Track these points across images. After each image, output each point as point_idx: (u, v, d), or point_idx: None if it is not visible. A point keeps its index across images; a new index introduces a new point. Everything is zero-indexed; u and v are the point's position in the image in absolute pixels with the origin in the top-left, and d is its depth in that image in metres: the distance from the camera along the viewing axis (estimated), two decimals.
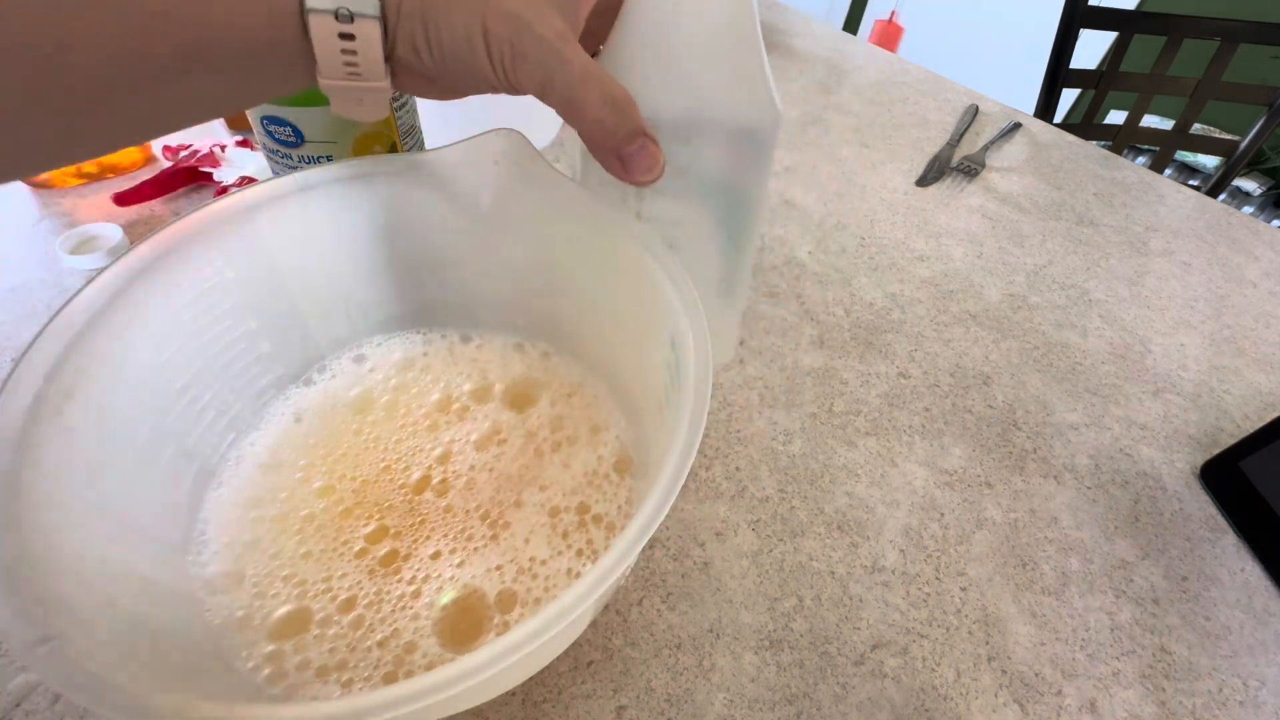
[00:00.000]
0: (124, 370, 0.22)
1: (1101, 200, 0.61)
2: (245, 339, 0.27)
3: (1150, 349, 0.47)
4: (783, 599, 0.31)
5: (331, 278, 0.30)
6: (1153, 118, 1.76)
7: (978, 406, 0.41)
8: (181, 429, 0.25)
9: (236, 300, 0.26)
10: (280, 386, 0.30)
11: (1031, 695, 0.29)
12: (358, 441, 0.29)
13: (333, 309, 0.31)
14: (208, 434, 0.27)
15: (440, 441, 0.29)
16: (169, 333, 0.24)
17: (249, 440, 0.28)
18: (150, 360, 0.24)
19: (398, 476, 0.28)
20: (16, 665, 0.26)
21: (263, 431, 0.29)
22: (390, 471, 0.28)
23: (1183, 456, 0.40)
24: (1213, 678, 0.30)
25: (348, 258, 0.30)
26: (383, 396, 0.31)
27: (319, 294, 0.30)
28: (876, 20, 2.15)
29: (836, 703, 0.28)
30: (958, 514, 0.35)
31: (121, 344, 0.22)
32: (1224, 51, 0.99)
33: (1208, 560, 0.35)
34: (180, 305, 0.24)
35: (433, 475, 0.28)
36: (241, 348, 0.27)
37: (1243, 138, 1.02)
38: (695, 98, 0.26)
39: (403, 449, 0.29)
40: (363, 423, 0.30)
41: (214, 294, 0.26)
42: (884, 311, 0.47)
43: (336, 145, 0.33)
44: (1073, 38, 1.05)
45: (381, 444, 0.29)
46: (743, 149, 0.28)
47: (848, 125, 0.68)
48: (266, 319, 0.28)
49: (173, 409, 0.25)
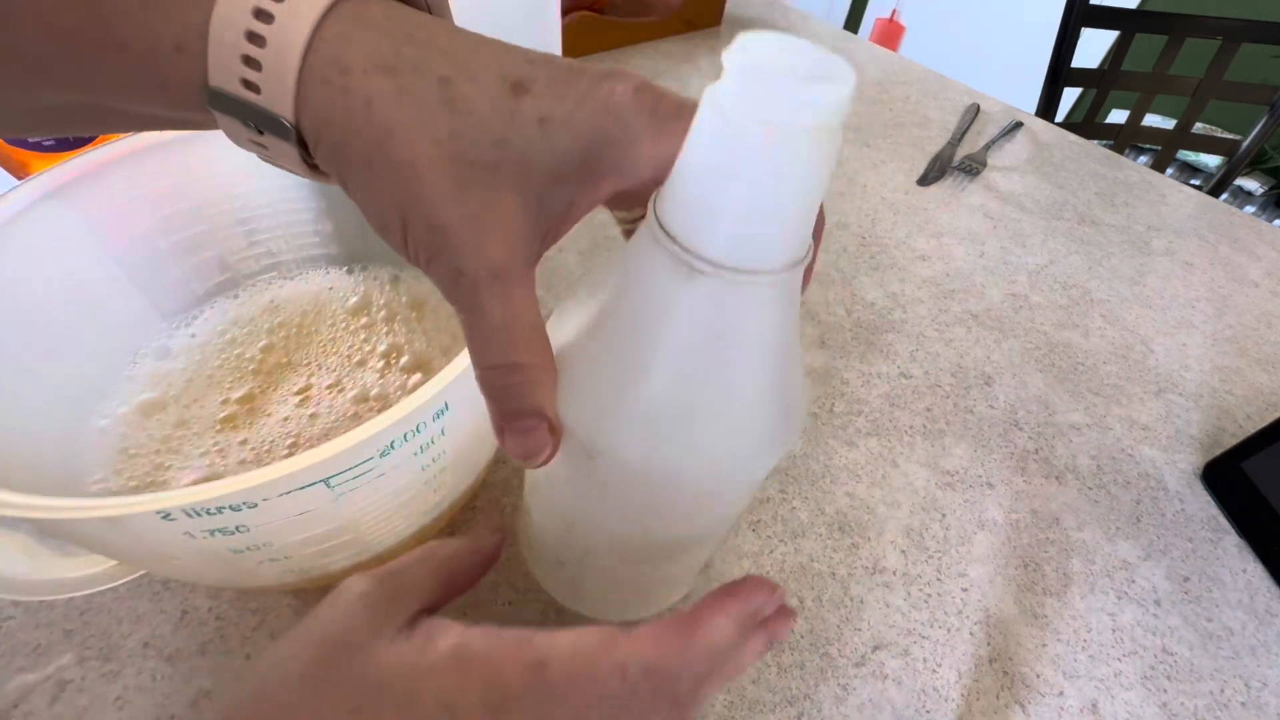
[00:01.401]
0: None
1: (1103, 200, 0.61)
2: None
3: (1152, 349, 0.47)
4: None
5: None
6: (1154, 117, 1.76)
7: (979, 407, 0.41)
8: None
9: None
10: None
11: (1033, 696, 0.29)
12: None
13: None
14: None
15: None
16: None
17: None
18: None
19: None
20: (15, 666, 0.26)
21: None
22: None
23: (1185, 457, 0.40)
24: (1215, 679, 0.30)
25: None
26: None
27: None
28: (877, 19, 2.14)
29: (837, 704, 0.28)
30: (959, 515, 0.35)
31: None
32: (1225, 51, 0.98)
33: (1210, 561, 0.35)
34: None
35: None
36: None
37: (1244, 137, 1.02)
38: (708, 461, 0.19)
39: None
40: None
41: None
42: (885, 311, 0.46)
43: None
44: (1074, 37, 1.05)
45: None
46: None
47: (848, 125, 0.67)
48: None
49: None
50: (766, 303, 0.16)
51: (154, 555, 0.20)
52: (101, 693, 0.26)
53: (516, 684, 0.16)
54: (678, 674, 0.17)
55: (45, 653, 0.27)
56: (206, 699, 0.26)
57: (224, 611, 0.28)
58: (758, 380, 0.17)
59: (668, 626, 0.18)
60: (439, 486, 0.24)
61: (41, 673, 0.26)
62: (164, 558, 0.20)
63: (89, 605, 0.28)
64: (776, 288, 0.15)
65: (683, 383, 0.17)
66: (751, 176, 0.14)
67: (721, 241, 0.14)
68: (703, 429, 0.17)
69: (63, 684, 0.26)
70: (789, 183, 0.14)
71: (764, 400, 0.17)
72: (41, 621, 0.27)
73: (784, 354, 0.17)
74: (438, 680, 0.17)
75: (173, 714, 0.25)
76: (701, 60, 0.75)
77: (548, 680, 0.16)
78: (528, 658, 0.17)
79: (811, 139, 0.13)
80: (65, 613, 0.28)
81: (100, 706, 0.25)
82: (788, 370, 0.18)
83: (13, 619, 0.27)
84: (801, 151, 0.13)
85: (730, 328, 0.16)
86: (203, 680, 0.26)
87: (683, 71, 0.72)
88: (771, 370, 0.17)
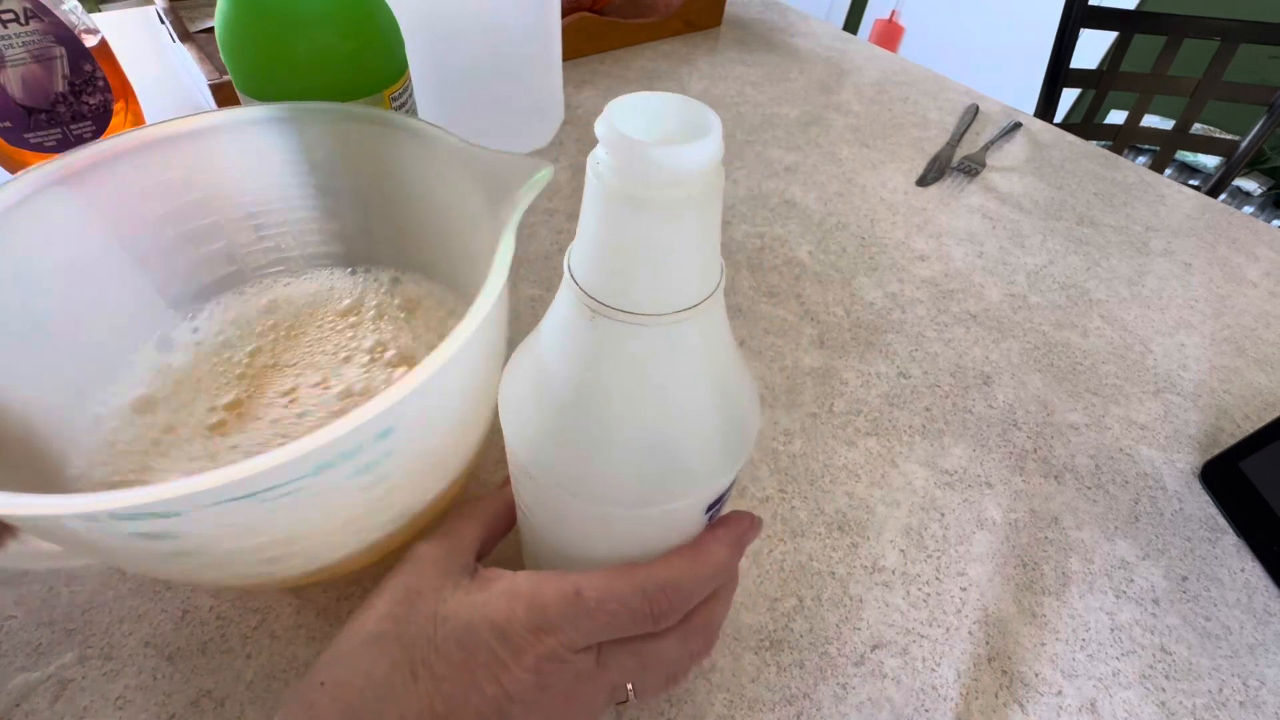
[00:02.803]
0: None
1: (1102, 200, 0.61)
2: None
3: (1150, 349, 0.47)
4: (783, 599, 0.31)
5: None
6: (1153, 117, 1.76)
7: (978, 406, 0.41)
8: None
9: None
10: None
11: (1031, 695, 0.29)
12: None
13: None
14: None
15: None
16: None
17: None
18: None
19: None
20: (16, 665, 0.26)
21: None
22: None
23: (1183, 457, 0.40)
24: (1213, 678, 0.30)
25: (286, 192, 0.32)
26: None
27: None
28: (877, 20, 2.15)
29: (836, 703, 0.28)
30: (958, 514, 0.35)
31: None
32: (1224, 51, 0.99)
33: (1208, 560, 0.35)
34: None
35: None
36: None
37: (1243, 137, 1.02)
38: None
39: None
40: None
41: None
42: (884, 311, 0.47)
43: None
44: (1073, 37, 1.05)
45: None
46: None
47: (848, 125, 0.68)
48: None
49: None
50: (673, 340, 0.17)
51: (90, 550, 0.20)
52: (103, 692, 0.26)
53: (555, 608, 0.19)
54: (690, 589, 0.21)
55: (46, 652, 0.27)
56: (207, 698, 0.26)
57: (225, 611, 0.28)
58: (671, 413, 0.18)
59: (677, 552, 0.21)
60: (391, 505, 0.23)
61: (43, 671, 0.26)
62: (101, 553, 0.20)
63: (90, 604, 0.28)
64: (680, 326, 0.16)
65: (589, 413, 0.18)
66: (626, 236, 0.15)
67: (616, 289, 0.16)
68: (621, 458, 0.19)
69: (64, 683, 0.26)
70: (663, 241, 0.15)
71: (680, 431, 0.19)
72: (43, 620, 0.27)
73: (697, 387, 0.18)
74: (490, 610, 0.20)
75: (174, 713, 0.25)
76: (701, 60, 0.75)
77: (582, 602, 0.19)
78: (564, 587, 0.20)
79: (676, 204, 0.14)
80: (67, 612, 0.28)
81: (101, 705, 0.25)
82: (706, 402, 0.19)
83: (14, 618, 0.27)
84: (670, 215, 0.14)
85: (636, 365, 0.17)
86: (204, 679, 0.26)
87: (682, 72, 0.73)
88: (686, 402, 0.18)
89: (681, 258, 0.15)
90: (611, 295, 0.16)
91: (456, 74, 0.48)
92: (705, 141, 0.13)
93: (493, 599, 0.20)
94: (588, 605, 0.19)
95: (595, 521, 0.20)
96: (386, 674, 0.19)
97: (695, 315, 0.16)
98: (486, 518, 0.24)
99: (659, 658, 0.21)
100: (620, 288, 0.16)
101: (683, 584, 0.20)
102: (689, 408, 0.18)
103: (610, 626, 0.20)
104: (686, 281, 0.16)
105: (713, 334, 0.18)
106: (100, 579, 0.29)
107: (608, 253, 0.15)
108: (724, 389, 0.19)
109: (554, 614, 0.19)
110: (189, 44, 0.53)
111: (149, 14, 0.65)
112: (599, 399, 0.18)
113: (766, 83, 0.73)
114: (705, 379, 0.18)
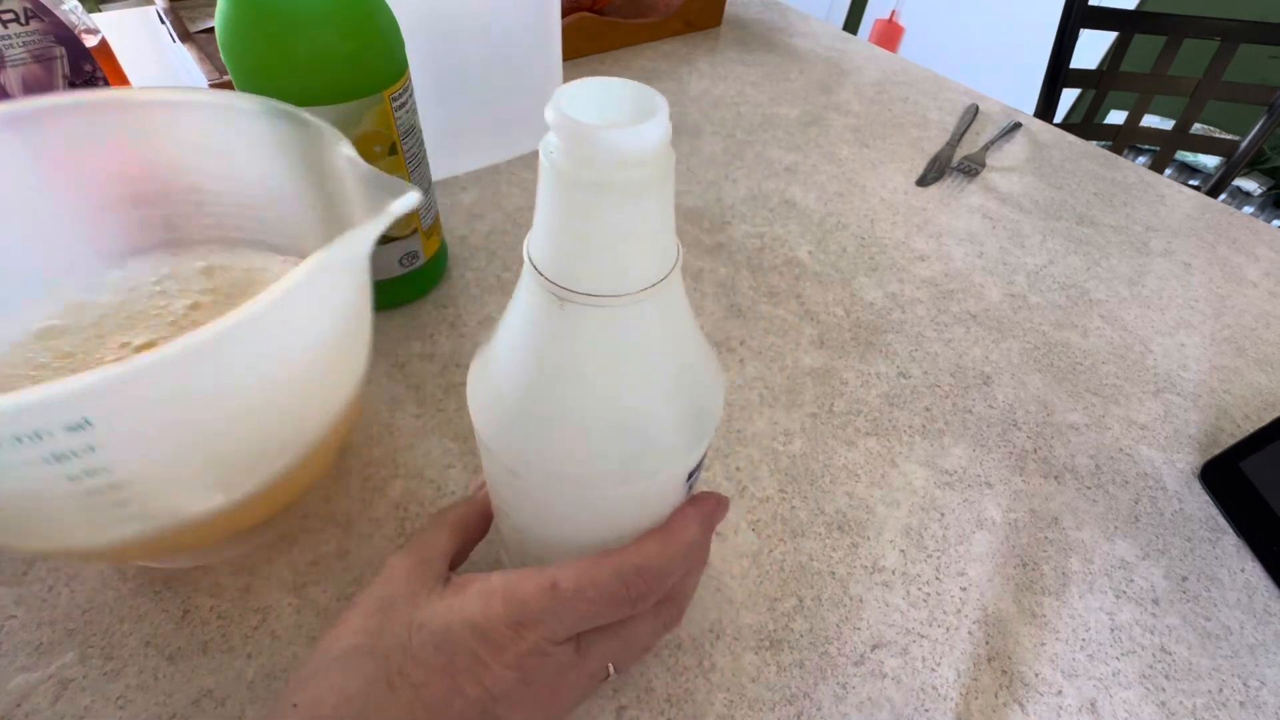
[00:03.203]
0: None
1: (1102, 200, 0.61)
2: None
3: (1150, 349, 0.47)
4: (783, 599, 0.31)
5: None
6: (1153, 118, 1.76)
7: (978, 406, 0.41)
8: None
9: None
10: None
11: (1031, 695, 0.29)
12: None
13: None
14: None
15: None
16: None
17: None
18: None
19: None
20: (17, 665, 0.26)
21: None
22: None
23: (1183, 457, 0.40)
24: (1213, 678, 0.30)
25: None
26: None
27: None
28: (876, 20, 2.15)
29: (836, 703, 0.28)
30: (958, 514, 0.35)
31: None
32: (1224, 51, 0.99)
33: (1208, 560, 0.35)
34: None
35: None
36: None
37: (1243, 137, 1.02)
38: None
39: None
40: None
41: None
42: (884, 311, 0.47)
43: None
44: (1073, 38, 1.05)
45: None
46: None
47: (848, 125, 0.68)
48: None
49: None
50: (637, 319, 0.17)
51: None
52: (103, 691, 0.26)
53: (533, 601, 0.19)
54: (664, 569, 0.21)
55: (47, 651, 0.27)
56: (208, 698, 0.26)
57: (226, 610, 0.28)
58: (642, 390, 0.19)
59: (649, 535, 0.22)
60: (123, 503, 0.21)
61: (44, 671, 0.26)
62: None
63: (91, 604, 0.28)
64: (642, 305, 0.17)
65: (560, 397, 0.18)
66: (581, 219, 0.15)
67: (576, 273, 0.16)
68: (598, 439, 0.19)
69: (65, 683, 0.26)
70: (620, 222, 0.15)
71: (653, 407, 0.19)
72: (43, 620, 0.27)
73: (665, 363, 0.19)
74: (467, 611, 0.20)
75: (174, 713, 0.25)
76: (701, 61, 0.75)
77: (559, 593, 0.19)
78: (541, 581, 0.20)
79: (629, 185, 0.14)
80: (67, 611, 0.28)
81: (102, 705, 0.25)
82: (675, 376, 0.19)
83: (15, 618, 0.27)
84: (624, 196, 0.15)
85: (597, 347, 0.17)
86: (204, 679, 0.26)
87: (682, 72, 0.73)
88: (656, 379, 0.19)
89: (639, 237, 0.16)
90: (572, 279, 0.16)
91: (456, 74, 0.48)
92: (652, 123, 0.14)
93: (469, 600, 0.20)
94: (565, 596, 0.19)
95: (578, 505, 0.21)
96: (362, 688, 0.18)
97: (657, 293, 0.17)
98: (458, 526, 0.24)
99: (636, 637, 0.22)
100: (580, 271, 0.16)
101: (657, 565, 0.21)
102: (659, 383, 0.19)
103: (590, 615, 0.20)
104: (646, 260, 0.16)
105: (674, 310, 0.18)
106: (101, 579, 0.29)
107: (566, 238, 0.16)
108: (690, 363, 0.19)
109: (533, 608, 0.19)
110: (189, 44, 0.53)
111: (149, 14, 0.65)
112: (570, 383, 0.18)
113: (766, 83, 0.73)
114: (671, 354, 0.19)
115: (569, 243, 0.16)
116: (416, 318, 0.42)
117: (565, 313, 0.17)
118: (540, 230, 0.16)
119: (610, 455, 0.19)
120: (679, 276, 0.18)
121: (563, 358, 0.18)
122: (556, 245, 0.16)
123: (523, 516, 0.23)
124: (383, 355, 0.39)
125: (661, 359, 0.18)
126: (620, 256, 0.16)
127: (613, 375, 0.18)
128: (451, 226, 0.49)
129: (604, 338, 0.17)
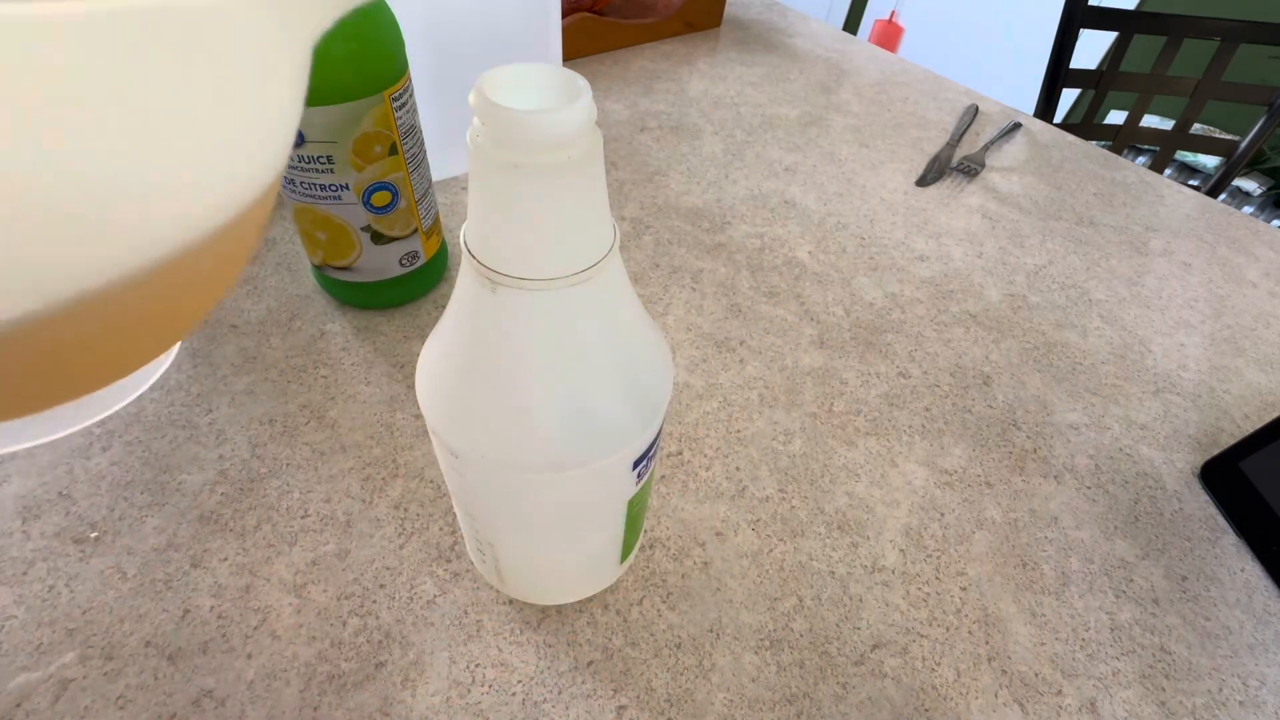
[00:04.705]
0: None
1: (1101, 200, 0.61)
2: None
3: (1150, 349, 0.47)
4: (783, 599, 0.31)
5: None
6: (1153, 118, 1.76)
7: (978, 406, 0.41)
8: None
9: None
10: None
11: (1031, 695, 0.29)
12: None
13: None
14: None
15: None
16: None
17: None
18: None
19: None
20: (17, 665, 0.26)
21: None
22: None
23: (1183, 456, 0.40)
24: (1213, 677, 0.30)
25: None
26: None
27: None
28: (876, 20, 2.15)
29: (836, 702, 0.28)
30: (958, 514, 0.35)
31: None
32: (1224, 51, 0.99)
33: (1208, 560, 0.35)
34: None
35: None
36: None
37: (1242, 137, 1.02)
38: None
39: None
40: None
41: None
42: (884, 311, 0.47)
43: (336, 145, 0.33)
44: (1073, 38, 1.05)
45: None
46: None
47: (848, 125, 0.68)
48: None
49: None
50: (576, 302, 0.17)
51: None
52: (103, 691, 0.26)
53: None
54: None
55: (47, 651, 0.27)
56: (208, 698, 0.26)
57: (226, 610, 0.28)
58: (586, 374, 0.19)
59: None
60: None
61: (44, 671, 0.26)
62: None
63: (91, 604, 0.28)
64: (580, 288, 0.17)
65: (497, 382, 0.18)
66: (506, 202, 0.15)
67: (511, 257, 0.16)
68: (544, 424, 0.19)
69: (65, 683, 0.26)
70: (549, 205, 0.15)
71: (598, 390, 0.19)
72: (43, 620, 0.27)
73: (607, 346, 0.19)
74: None
75: (174, 713, 0.25)
76: (701, 61, 0.75)
77: None
78: None
79: (555, 168, 0.14)
80: (67, 611, 0.28)
81: (102, 705, 0.25)
82: (618, 359, 0.19)
83: (15, 618, 0.27)
84: (551, 179, 0.15)
85: (530, 331, 0.17)
86: (205, 679, 0.26)
87: (682, 72, 0.73)
88: (598, 362, 0.19)
89: (569, 220, 0.16)
90: (502, 262, 0.16)
91: (456, 74, 0.48)
92: (576, 106, 0.14)
93: None
94: None
95: (523, 492, 0.21)
96: None
97: (593, 275, 0.17)
98: None
99: None
100: (508, 254, 0.16)
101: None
102: (596, 369, 0.19)
103: None
104: (579, 243, 0.16)
105: (615, 293, 0.18)
106: (101, 579, 0.29)
107: (493, 221, 0.16)
108: (632, 348, 0.19)
109: None
110: None
111: None
112: (505, 368, 0.18)
113: (766, 83, 0.73)
114: (610, 340, 0.19)
115: (496, 226, 0.16)
116: (416, 318, 0.42)
117: (498, 296, 0.17)
118: (471, 214, 0.16)
119: (548, 441, 0.19)
120: (617, 260, 0.18)
121: (498, 342, 0.18)
122: (485, 228, 0.16)
123: (473, 504, 0.22)
124: (383, 355, 0.39)
125: (599, 344, 0.18)
126: (547, 240, 0.16)
127: (547, 360, 0.18)
128: (451, 226, 0.49)
129: (537, 322, 0.17)
